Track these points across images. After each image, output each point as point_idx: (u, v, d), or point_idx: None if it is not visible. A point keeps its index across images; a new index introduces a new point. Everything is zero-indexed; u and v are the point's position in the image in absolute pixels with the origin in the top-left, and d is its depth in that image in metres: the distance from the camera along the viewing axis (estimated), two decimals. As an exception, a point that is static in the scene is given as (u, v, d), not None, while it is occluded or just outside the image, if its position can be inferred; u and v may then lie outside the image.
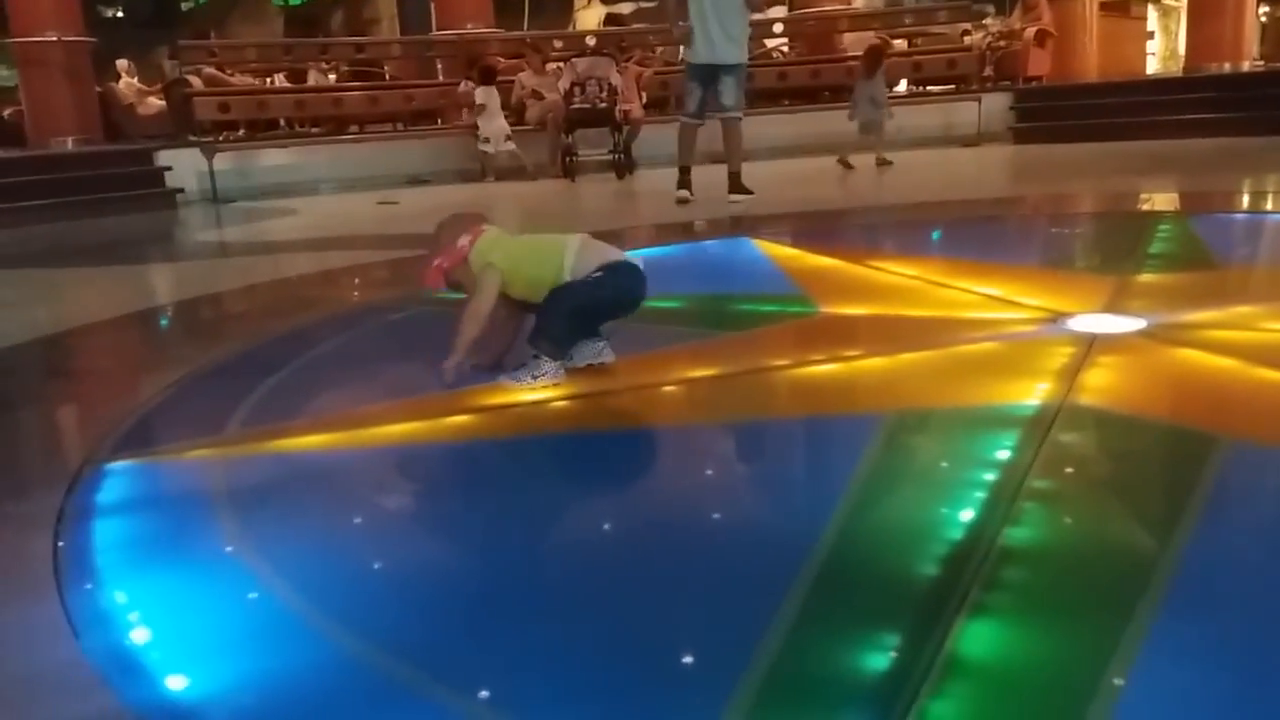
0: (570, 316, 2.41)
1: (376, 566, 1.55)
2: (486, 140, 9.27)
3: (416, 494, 1.95)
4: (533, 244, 2.58)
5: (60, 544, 1.66)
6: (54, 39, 10.17)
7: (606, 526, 1.71)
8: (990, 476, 1.69)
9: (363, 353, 3.08)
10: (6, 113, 12.58)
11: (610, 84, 9.16)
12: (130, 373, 3.21)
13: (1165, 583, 1.34)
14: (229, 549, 1.63)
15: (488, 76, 9.40)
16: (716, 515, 1.71)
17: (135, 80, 12.41)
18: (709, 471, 1.96)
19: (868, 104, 8.46)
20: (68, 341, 3.58)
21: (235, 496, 1.86)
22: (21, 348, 3.42)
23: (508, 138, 9.32)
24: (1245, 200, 5.57)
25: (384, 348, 3.17)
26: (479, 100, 9.29)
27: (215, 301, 4.30)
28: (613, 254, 2.49)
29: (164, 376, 2.78)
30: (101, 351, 3.57)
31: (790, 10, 14.32)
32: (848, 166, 8.12)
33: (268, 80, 12.05)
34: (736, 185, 6.49)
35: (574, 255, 2.43)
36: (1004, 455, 1.79)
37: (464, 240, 2.49)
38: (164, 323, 4.05)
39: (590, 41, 10.55)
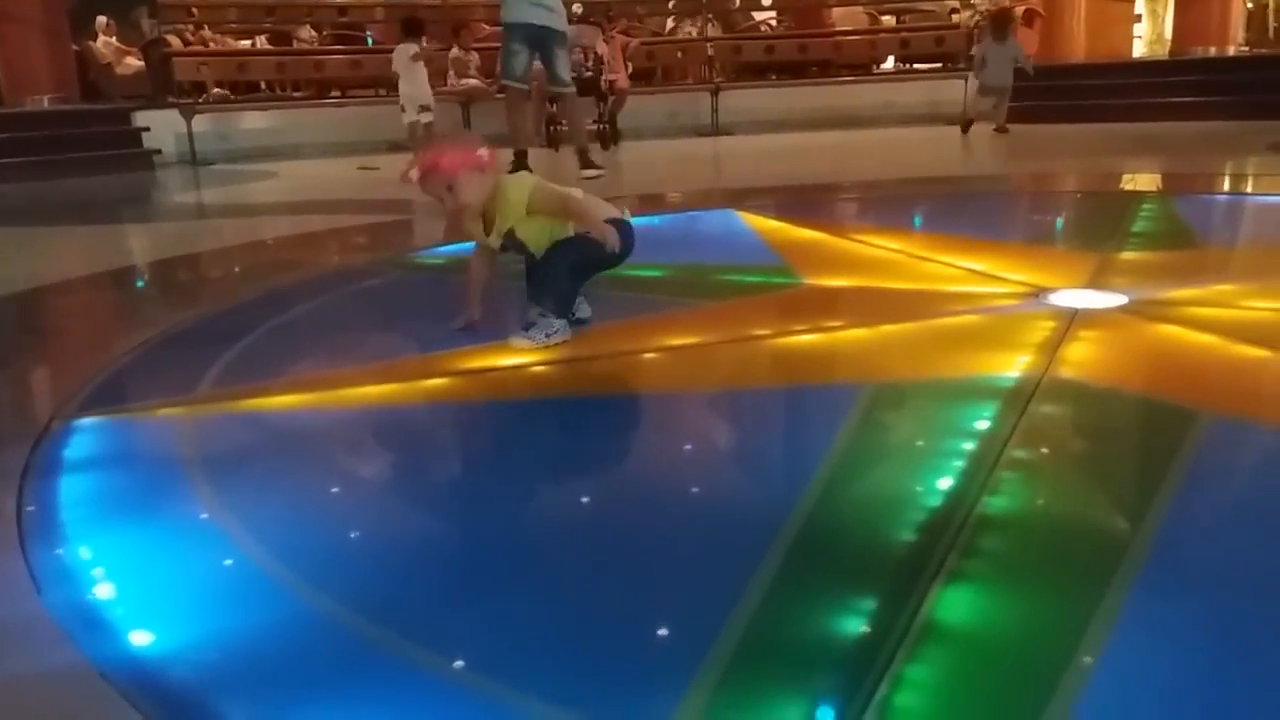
0: (572, 271, 2.39)
1: (348, 528, 1.52)
2: (403, 109, 7.75)
3: (391, 457, 1.93)
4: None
5: (25, 499, 1.62)
6: (29, -6, 9.95)
7: (583, 494, 1.69)
8: (969, 446, 1.68)
9: (339, 316, 3.04)
10: (-20, 69, 12.31)
11: (596, 53, 9.07)
12: (101, 332, 3.16)
13: (1142, 555, 1.33)
14: (197, 507, 1.60)
15: (411, 30, 7.95)
16: (694, 483, 1.69)
17: (114, 39, 12.20)
18: (688, 439, 1.94)
19: (1000, 68, 8.29)
20: (39, 298, 3.52)
21: (205, 455, 1.83)
22: (-8, 304, 3.36)
23: (424, 108, 7.74)
24: (1227, 182, 5.58)
25: (361, 312, 3.13)
26: (394, 60, 7.79)
27: (191, 263, 4.24)
28: (609, 209, 2.46)
29: (136, 336, 2.74)
30: (73, 310, 3.51)
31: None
32: (965, 130, 8.04)
33: (251, 43, 11.88)
34: (586, 161, 6.42)
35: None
36: (983, 426, 1.78)
37: (484, 152, 2.34)
38: (138, 283, 3.99)
39: (576, 9, 10.44)
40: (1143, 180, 5.74)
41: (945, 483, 1.54)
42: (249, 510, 1.57)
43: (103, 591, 1.32)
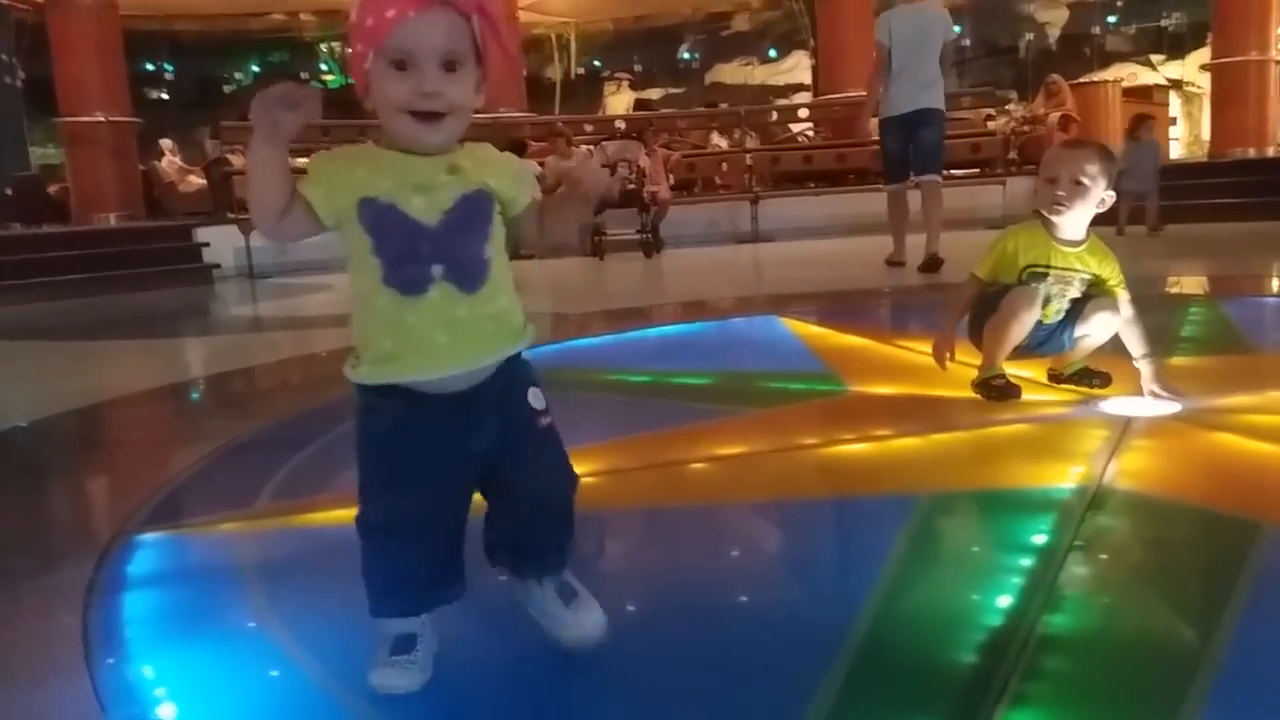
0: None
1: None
2: None
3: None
4: None
5: (89, 617, 1.65)
6: (101, 119, 10.53)
7: (630, 608, 1.68)
8: (1027, 561, 1.66)
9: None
10: (52, 189, 12.96)
11: (639, 166, 9.34)
12: (161, 445, 3.24)
13: (1210, 674, 1.30)
14: (258, 624, 1.62)
15: (516, 152, 9.51)
16: (745, 599, 1.68)
17: (178, 159, 12.79)
18: (736, 553, 1.94)
19: (1139, 169, 8.13)
20: (100, 413, 3.63)
21: (264, 570, 1.86)
22: (55, 418, 3.47)
23: None
24: (1276, 284, 5.54)
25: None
26: None
27: (247, 376, 4.36)
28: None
29: (195, 449, 2.81)
30: (134, 423, 3.61)
31: (815, 95, 14.61)
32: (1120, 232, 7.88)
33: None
34: None
35: None
36: (1040, 539, 1.76)
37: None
38: (196, 396, 4.10)
39: (620, 125, 10.79)
40: (1189, 283, 5.72)
41: (1005, 600, 1.52)
42: (307, 627, 1.58)
43: (166, 711, 1.34)
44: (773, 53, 22.24)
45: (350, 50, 1.30)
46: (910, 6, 6.29)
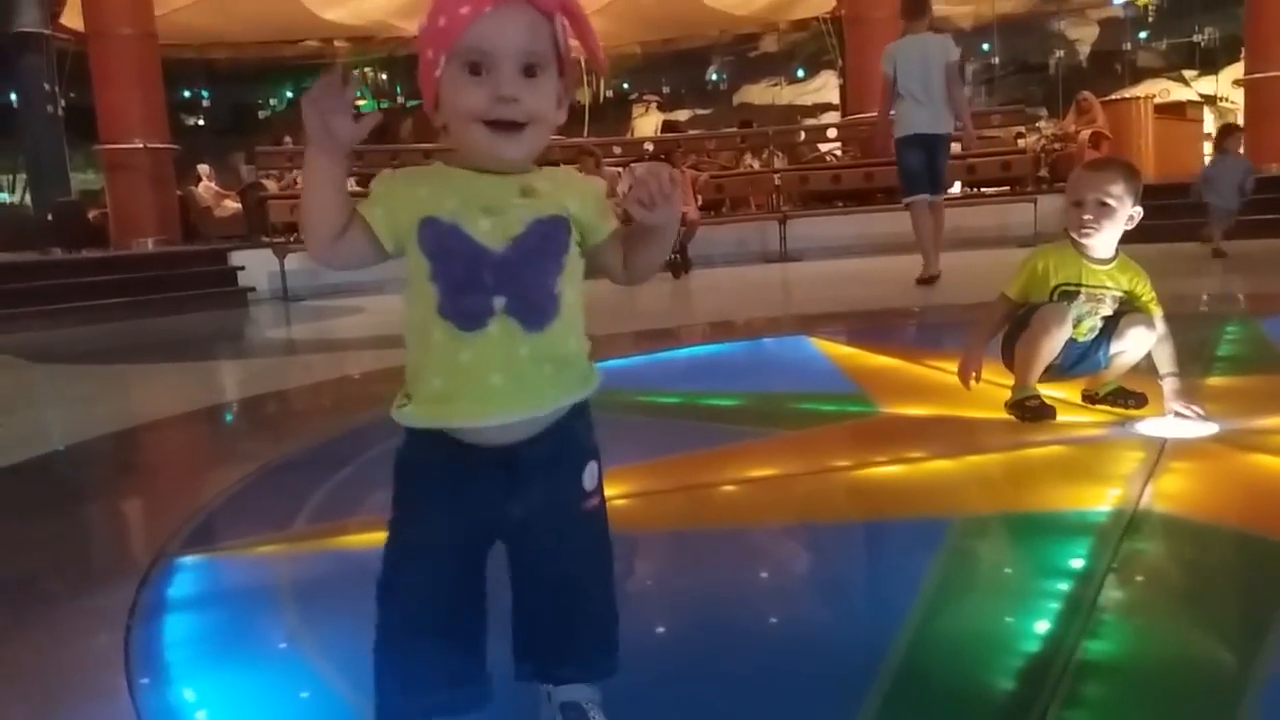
0: None
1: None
2: None
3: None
4: None
5: (131, 639, 1.68)
6: (140, 146, 10.72)
7: (660, 631, 1.68)
8: (1064, 586, 1.65)
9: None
10: (92, 215, 13.21)
11: (667, 187, 9.38)
12: (198, 468, 3.29)
13: (1252, 700, 1.28)
14: (295, 646, 1.64)
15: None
16: (778, 624, 1.68)
17: (214, 184, 13.00)
18: (769, 577, 1.93)
19: (1228, 186, 7.81)
20: (138, 436, 3.68)
21: (302, 592, 1.88)
22: (95, 441, 3.53)
23: None
24: (1315, 301, 5.45)
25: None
26: None
27: (282, 398, 4.41)
28: None
29: (231, 472, 2.84)
30: (171, 446, 3.67)
31: (843, 115, 14.62)
32: (1220, 254, 7.56)
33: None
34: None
35: None
36: (1077, 564, 1.75)
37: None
38: (232, 419, 4.16)
39: (648, 147, 10.85)
40: (1224, 302, 5.64)
41: (1042, 625, 1.51)
42: (344, 650, 1.59)
43: (207, 734, 1.36)
44: (800, 73, 22.30)
45: (420, 62, 1.15)
46: (912, 37, 6.63)
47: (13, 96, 14.98)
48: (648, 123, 19.33)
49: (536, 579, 1.23)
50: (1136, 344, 2.67)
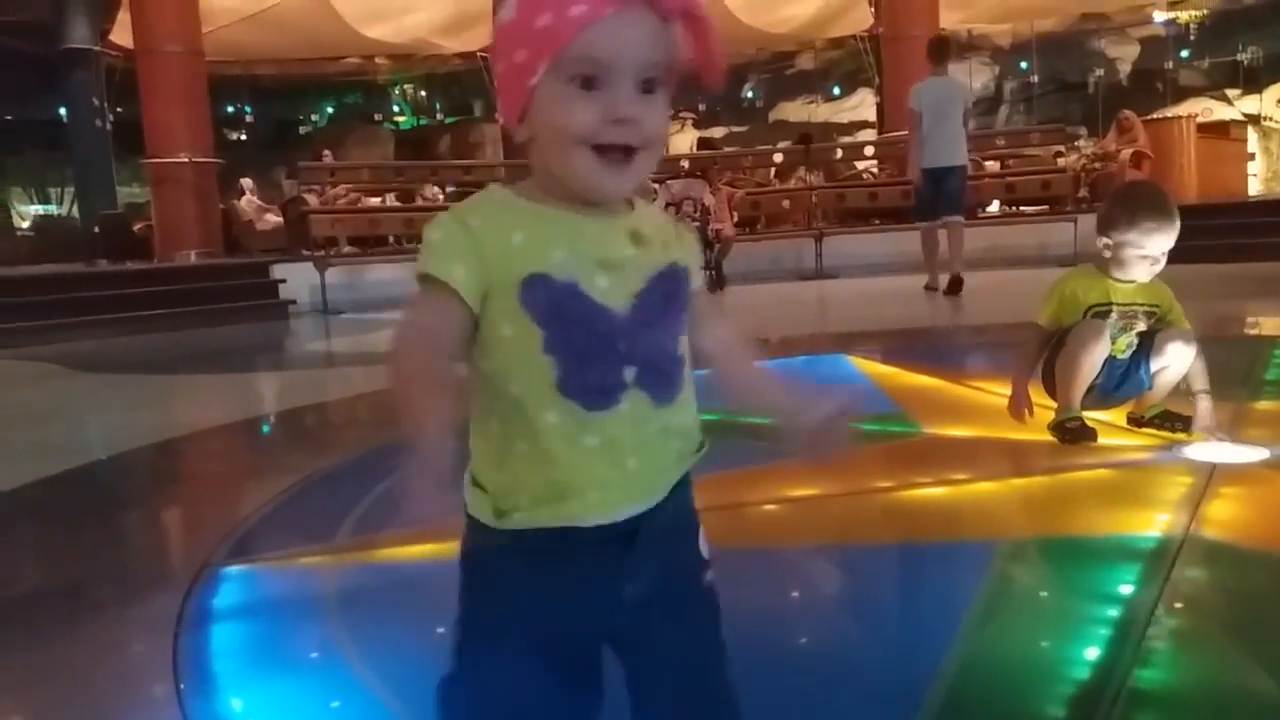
0: None
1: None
2: None
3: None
4: None
5: (179, 648, 1.70)
6: (185, 160, 10.93)
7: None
8: (1114, 613, 1.62)
9: (466, 462, 3.13)
10: (137, 227, 13.46)
11: (703, 204, 9.40)
12: (240, 479, 3.33)
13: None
14: (339, 656, 1.65)
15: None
16: (817, 649, 1.66)
17: (256, 198, 13.21)
18: (807, 600, 1.92)
19: None
20: (182, 446, 3.74)
21: (344, 603, 1.90)
22: (139, 451, 3.58)
23: None
24: (1366, 325, 5.35)
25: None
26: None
27: (321, 410, 4.46)
28: None
29: (273, 483, 2.87)
30: (213, 457, 3.72)
31: (880, 133, 14.58)
32: None
33: (380, 200, 12.71)
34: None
35: None
36: (1127, 590, 1.72)
37: None
38: (273, 430, 4.20)
39: (685, 164, 10.88)
40: (1270, 324, 5.55)
41: (1092, 652, 1.48)
42: (387, 660, 1.61)
43: (253, 744, 1.37)
44: (836, 90, 22.28)
45: (501, 63, 0.95)
46: (937, 79, 7.46)
47: (62, 111, 15.35)
48: (683, 140, 19.38)
49: (659, 677, 1.00)
50: (1177, 358, 2.65)
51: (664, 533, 0.99)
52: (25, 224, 20.83)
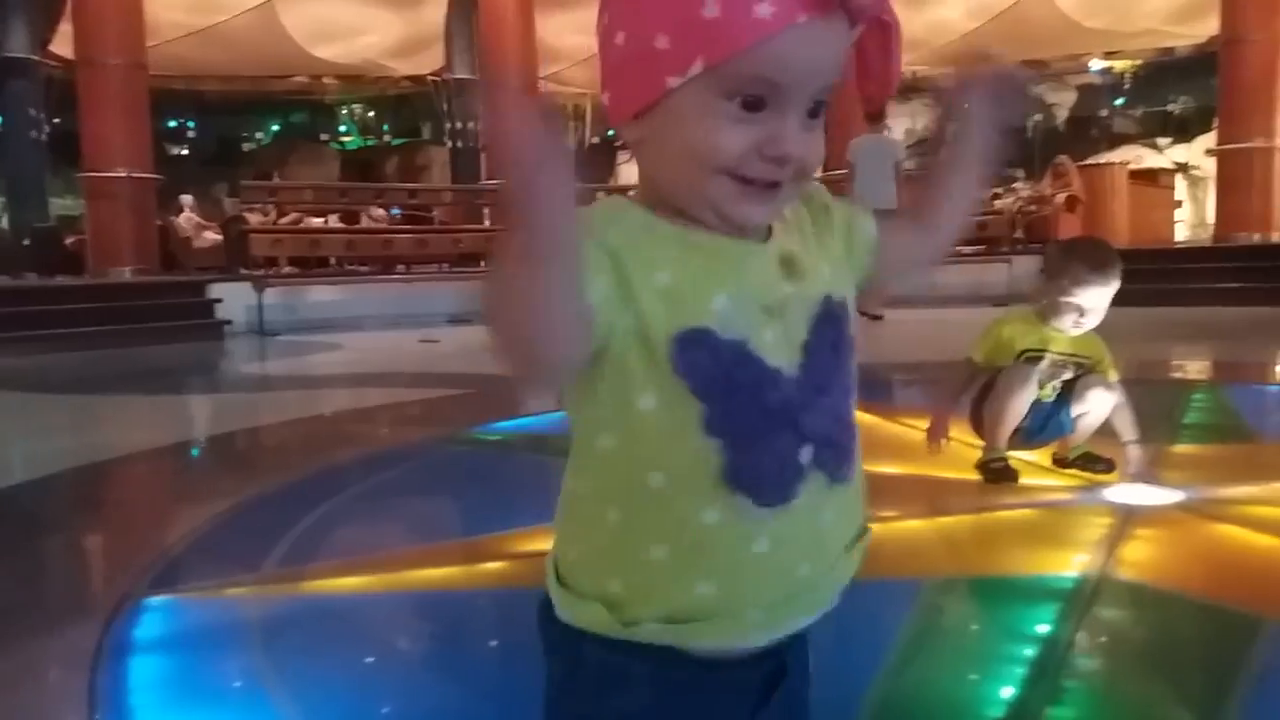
0: None
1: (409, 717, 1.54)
2: None
3: (449, 642, 1.95)
4: None
5: (96, 681, 1.66)
6: (123, 175, 10.70)
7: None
8: (1030, 651, 1.67)
9: (399, 493, 3.11)
10: (69, 241, 13.14)
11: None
12: (167, 505, 3.26)
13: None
14: (263, 690, 1.63)
15: None
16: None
17: (195, 215, 12.99)
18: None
19: None
20: (108, 470, 3.64)
21: (270, 636, 1.87)
22: (62, 475, 3.49)
23: None
24: (1280, 371, 5.57)
25: (420, 488, 3.20)
26: None
27: (253, 435, 4.38)
28: None
29: (200, 510, 2.82)
30: (142, 482, 3.64)
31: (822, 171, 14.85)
32: None
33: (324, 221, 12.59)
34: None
35: None
36: (1044, 629, 1.77)
37: None
38: (203, 455, 4.13)
39: (631, 195, 10.95)
40: (1192, 368, 5.74)
41: (1007, 691, 1.53)
42: (311, 694, 1.59)
43: (168, 781, 1.35)
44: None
45: (622, 36, 0.72)
46: (870, 136, 8.15)
47: (-3, 120, 14.96)
48: (632, 169, 19.53)
49: None
50: (1097, 404, 2.74)
51: (792, 648, 0.81)
52: (-49, 234, 20.21)
